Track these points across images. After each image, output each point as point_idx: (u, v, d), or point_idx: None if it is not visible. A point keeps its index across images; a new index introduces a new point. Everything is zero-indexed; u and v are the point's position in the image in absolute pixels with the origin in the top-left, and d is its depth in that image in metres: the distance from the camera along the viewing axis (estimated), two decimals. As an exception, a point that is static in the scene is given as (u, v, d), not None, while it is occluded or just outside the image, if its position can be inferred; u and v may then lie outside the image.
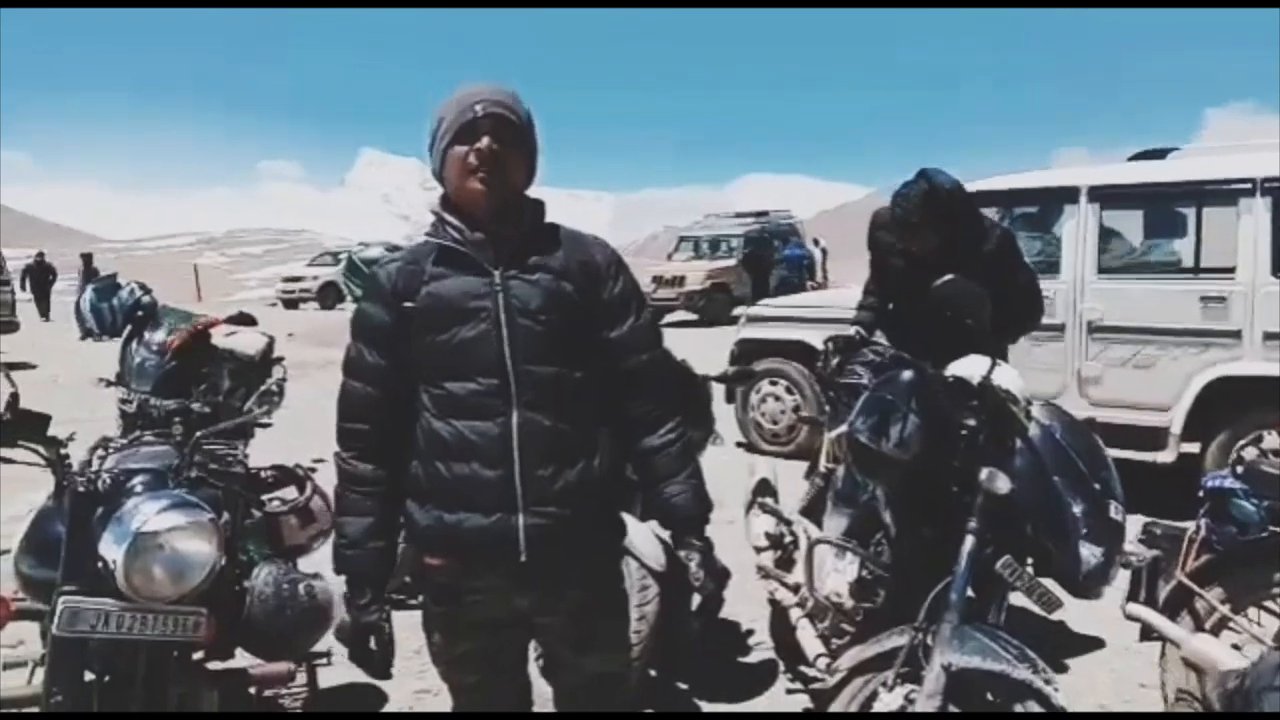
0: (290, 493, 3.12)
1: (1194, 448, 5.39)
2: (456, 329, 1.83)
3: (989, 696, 2.25)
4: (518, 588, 1.90)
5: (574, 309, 1.89)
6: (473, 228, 1.87)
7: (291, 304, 27.26)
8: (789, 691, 3.36)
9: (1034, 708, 2.16)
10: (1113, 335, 5.62)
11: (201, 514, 2.30)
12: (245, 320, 3.52)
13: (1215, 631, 2.65)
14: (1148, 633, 2.71)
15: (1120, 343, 5.60)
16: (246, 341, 3.30)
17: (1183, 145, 5.94)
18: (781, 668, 3.52)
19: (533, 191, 1.97)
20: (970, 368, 2.58)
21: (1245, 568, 2.58)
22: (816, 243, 22.11)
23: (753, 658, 3.70)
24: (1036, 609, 2.34)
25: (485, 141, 1.80)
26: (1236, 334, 5.18)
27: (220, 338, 3.25)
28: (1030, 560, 2.39)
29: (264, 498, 3.07)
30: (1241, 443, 5.19)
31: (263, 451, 3.15)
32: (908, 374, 2.51)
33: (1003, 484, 2.30)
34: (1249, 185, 5.12)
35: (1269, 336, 5.06)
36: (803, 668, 3.32)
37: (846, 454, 2.65)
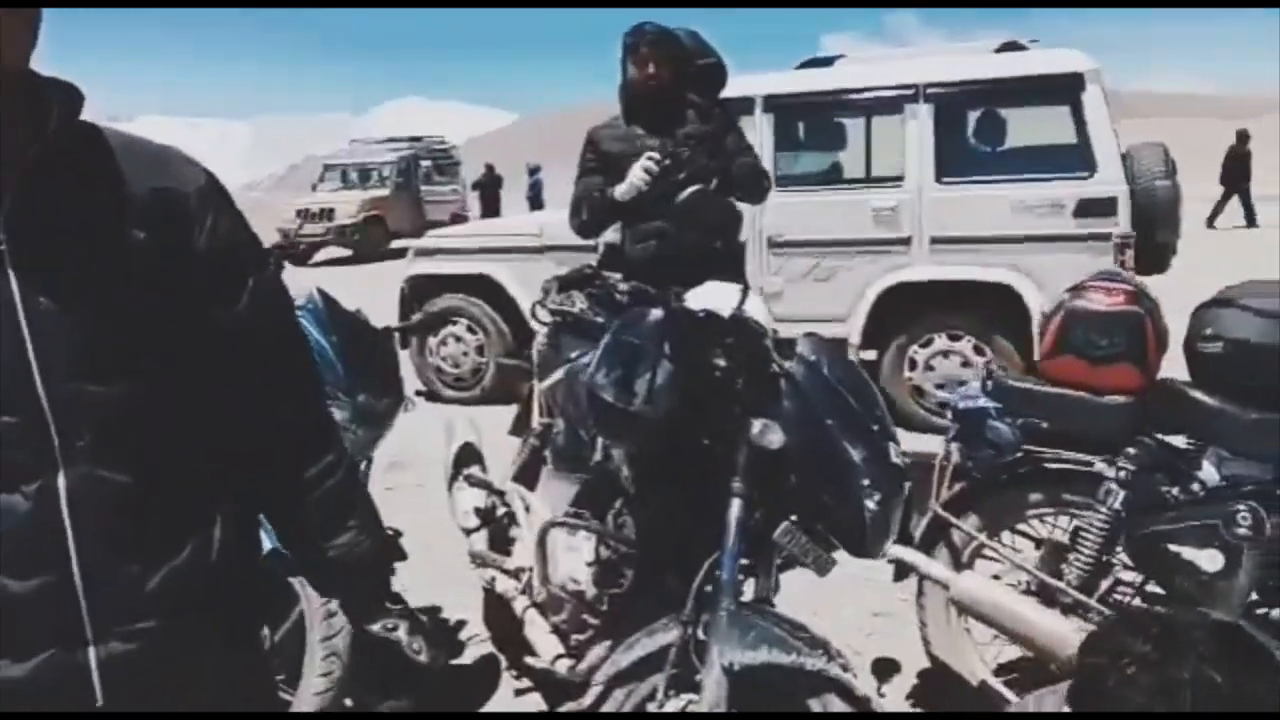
0: None
1: (872, 355, 5.53)
2: None
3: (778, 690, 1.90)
4: None
5: (151, 275, 1.10)
6: None
7: None
8: (518, 693, 2.86)
9: (835, 702, 1.83)
10: (791, 249, 5.60)
11: None
12: None
13: (971, 561, 2.50)
14: (903, 572, 2.50)
15: (799, 256, 5.59)
16: None
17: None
18: (504, 664, 3.01)
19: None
20: (717, 298, 2.16)
21: (1001, 492, 2.43)
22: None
23: (467, 656, 3.14)
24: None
25: None
26: (906, 241, 5.32)
27: None
28: (794, 517, 2.04)
29: None
30: (914, 347, 5.39)
31: None
32: (655, 312, 2.03)
33: (776, 438, 1.92)
34: (912, 91, 5.21)
35: (936, 241, 5.24)
36: (530, 660, 2.85)
37: (587, 413, 2.14)
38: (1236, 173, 18.04)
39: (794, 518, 1.95)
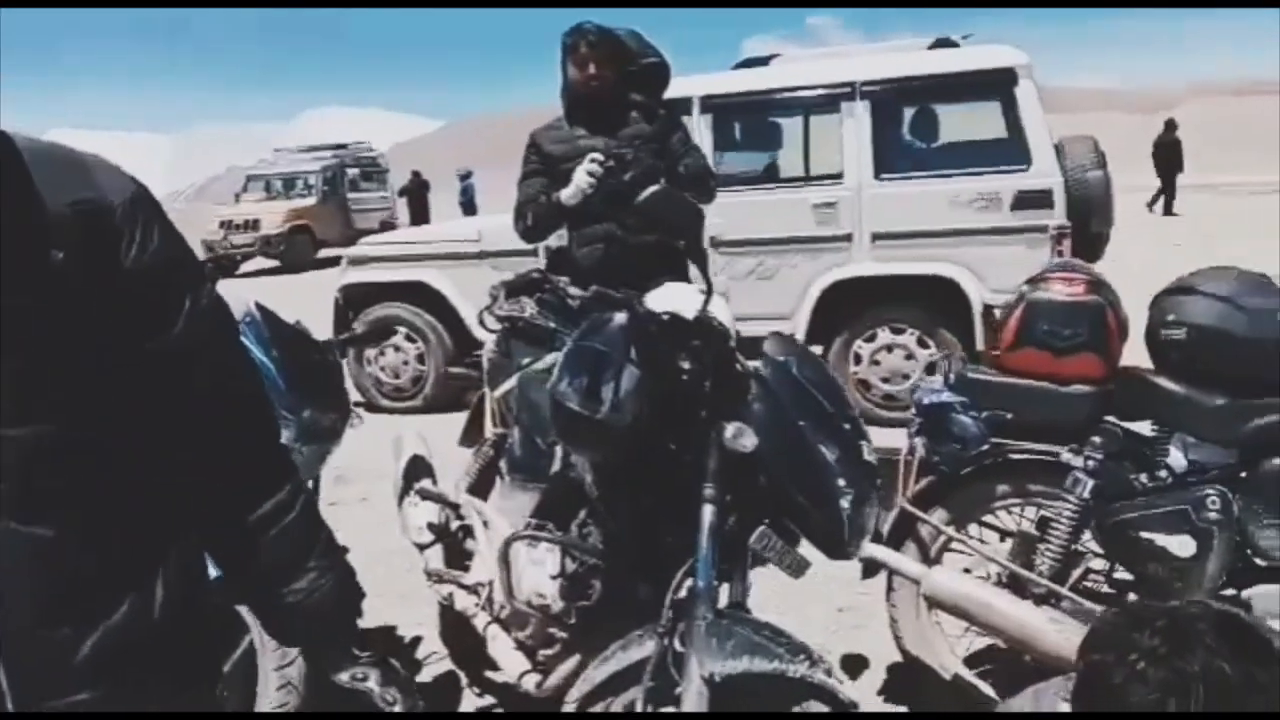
0: None
1: (818, 350, 5.53)
2: None
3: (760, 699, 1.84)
4: None
5: (73, 300, 0.97)
6: None
7: None
8: (480, 711, 2.76)
9: (817, 707, 1.78)
10: (734, 249, 5.58)
11: None
12: None
13: (940, 555, 2.48)
14: (872, 569, 2.47)
15: (742, 255, 5.58)
16: None
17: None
18: (464, 680, 2.90)
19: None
20: (679, 300, 2.10)
21: (968, 485, 2.41)
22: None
23: (426, 674, 3.03)
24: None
25: None
26: (847, 237, 5.34)
27: None
28: (766, 520, 2.00)
29: None
30: (859, 342, 5.42)
31: None
32: (618, 316, 1.96)
33: (749, 441, 1.86)
34: (849, 89, 5.23)
35: (876, 237, 5.27)
36: (490, 675, 2.76)
37: (551, 422, 2.06)
38: (1166, 160, 18.34)
39: (767, 521, 1.90)
